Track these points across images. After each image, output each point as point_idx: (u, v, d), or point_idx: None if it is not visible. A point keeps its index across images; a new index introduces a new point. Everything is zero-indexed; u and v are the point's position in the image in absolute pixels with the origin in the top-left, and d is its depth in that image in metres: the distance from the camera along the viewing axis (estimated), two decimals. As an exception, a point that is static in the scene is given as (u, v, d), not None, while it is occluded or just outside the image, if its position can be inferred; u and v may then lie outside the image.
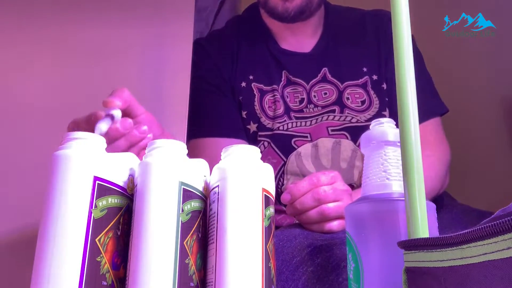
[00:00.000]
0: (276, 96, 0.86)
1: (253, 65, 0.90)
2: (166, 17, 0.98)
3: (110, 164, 0.43)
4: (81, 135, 0.43)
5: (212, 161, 0.47)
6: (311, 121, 0.86)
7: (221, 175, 0.44)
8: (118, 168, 0.44)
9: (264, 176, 0.45)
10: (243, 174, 0.44)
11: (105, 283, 0.40)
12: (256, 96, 0.87)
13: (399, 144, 0.38)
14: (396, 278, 0.36)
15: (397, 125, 0.39)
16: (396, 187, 0.43)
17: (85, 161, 0.41)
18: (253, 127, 0.86)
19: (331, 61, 0.88)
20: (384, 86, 0.87)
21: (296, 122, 0.85)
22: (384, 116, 0.85)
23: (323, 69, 0.88)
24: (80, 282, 0.38)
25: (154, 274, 0.39)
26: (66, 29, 0.90)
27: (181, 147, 0.45)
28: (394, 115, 0.83)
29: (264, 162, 0.45)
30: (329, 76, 0.88)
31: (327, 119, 0.85)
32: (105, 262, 0.41)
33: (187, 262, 0.41)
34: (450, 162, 0.83)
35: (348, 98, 0.86)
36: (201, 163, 0.48)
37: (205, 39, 0.99)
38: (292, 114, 0.86)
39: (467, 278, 0.27)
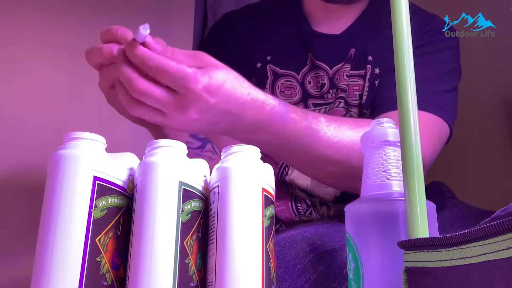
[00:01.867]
0: (292, 83, 0.82)
1: (275, 46, 0.84)
2: (166, 17, 0.98)
3: (110, 164, 0.43)
4: (81, 135, 0.43)
5: None
6: (330, 106, 0.81)
7: (221, 175, 0.44)
8: (118, 168, 0.44)
9: (264, 176, 0.45)
10: (243, 174, 0.44)
11: (105, 283, 0.40)
12: (269, 79, 0.83)
13: (399, 144, 0.38)
14: (396, 278, 0.36)
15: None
16: (396, 187, 0.43)
17: (85, 161, 0.41)
18: None
19: (359, 44, 0.82)
20: (376, 83, 0.81)
21: (314, 109, 0.80)
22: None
23: (351, 50, 0.81)
24: (80, 282, 0.38)
25: (154, 274, 0.39)
26: (65, 29, 0.90)
27: (181, 147, 0.45)
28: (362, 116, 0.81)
29: None
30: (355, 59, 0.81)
31: (337, 106, 0.80)
32: (105, 262, 0.41)
33: (187, 262, 0.41)
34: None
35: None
36: (201, 163, 0.48)
37: (236, 13, 0.92)
38: (311, 101, 0.81)
39: (467, 278, 0.27)
